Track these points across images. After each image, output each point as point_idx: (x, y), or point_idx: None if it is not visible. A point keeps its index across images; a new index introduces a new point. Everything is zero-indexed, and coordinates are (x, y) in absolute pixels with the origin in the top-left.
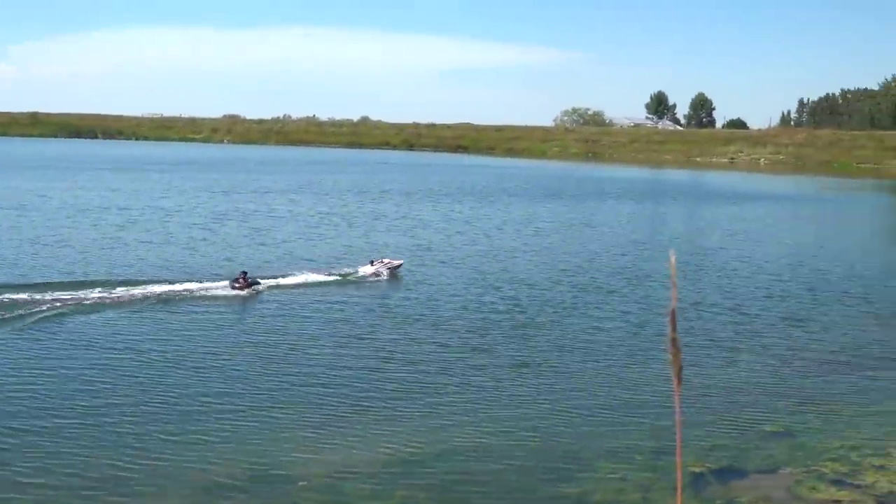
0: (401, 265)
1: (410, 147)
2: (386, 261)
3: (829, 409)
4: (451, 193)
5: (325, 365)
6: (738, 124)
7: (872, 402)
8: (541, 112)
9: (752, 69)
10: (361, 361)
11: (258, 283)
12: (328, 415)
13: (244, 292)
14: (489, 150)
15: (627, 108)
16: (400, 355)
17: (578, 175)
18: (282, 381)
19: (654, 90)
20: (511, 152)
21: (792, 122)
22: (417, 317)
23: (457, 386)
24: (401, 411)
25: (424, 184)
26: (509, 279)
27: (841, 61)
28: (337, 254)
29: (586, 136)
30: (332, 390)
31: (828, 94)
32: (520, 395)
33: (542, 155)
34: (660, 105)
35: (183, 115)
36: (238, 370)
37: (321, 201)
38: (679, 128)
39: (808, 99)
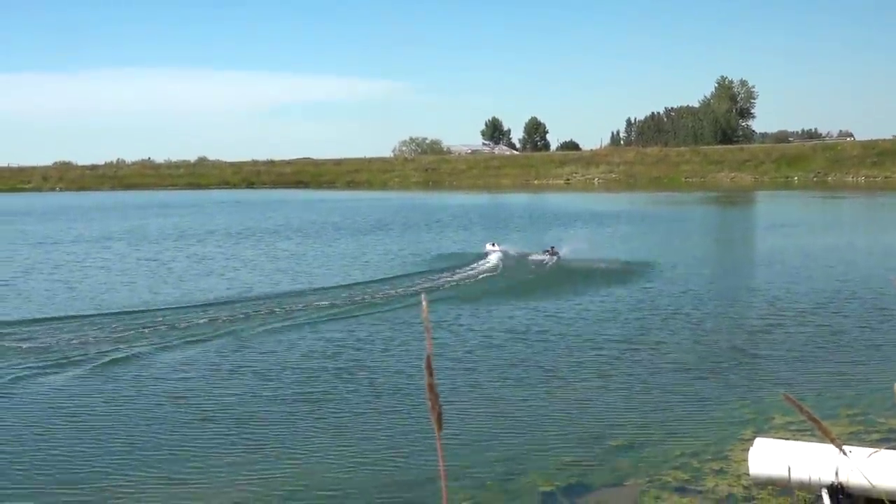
0: None
1: (251, 185)
2: None
3: (669, 420)
4: (278, 231)
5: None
6: (571, 146)
7: (707, 410)
8: (379, 144)
9: (581, 91)
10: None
11: None
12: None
13: None
14: (330, 185)
15: (464, 136)
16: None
17: (416, 203)
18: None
19: (488, 117)
20: (352, 185)
21: (622, 142)
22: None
23: None
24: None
25: (255, 222)
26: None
27: (663, 81)
28: (136, 300)
29: (425, 165)
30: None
31: (653, 113)
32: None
33: (384, 186)
34: (495, 131)
35: (11, 165)
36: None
37: (139, 246)
38: (515, 152)
39: (636, 118)
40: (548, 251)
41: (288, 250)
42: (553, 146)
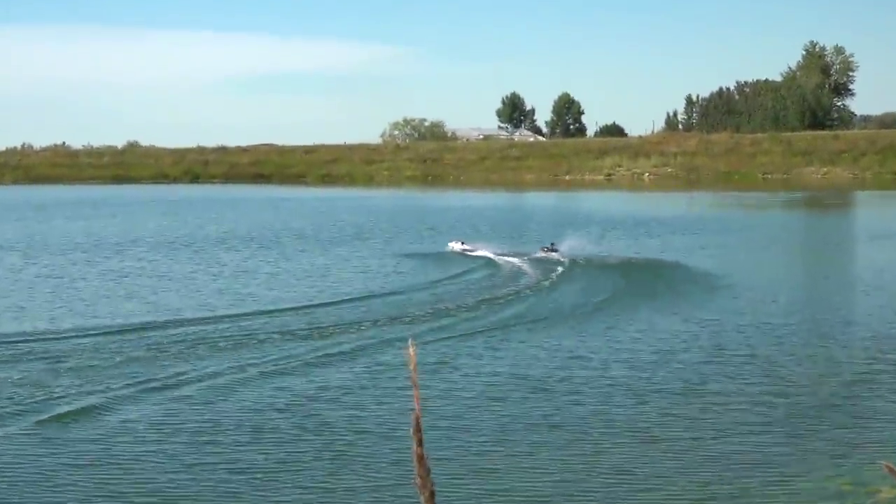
0: None
1: (195, 179)
2: None
3: (738, 496)
4: (224, 239)
5: None
6: (614, 131)
7: (789, 481)
8: (364, 126)
9: (628, 60)
10: None
11: None
12: None
13: None
14: (299, 179)
15: (474, 117)
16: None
17: (408, 204)
18: None
19: (505, 92)
20: (328, 179)
21: (680, 126)
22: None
23: None
24: None
25: (195, 227)
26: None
27: (735, 47)
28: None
29: (423, 154)
30: None
31: (721, 89)
32: None
33: (369, 181)
34: (514, 111)
35: None
36: None
37: (36, 259)
38: (541, 138)
39: (698, 96)
40: (546, 248)
41: (233, 265)
42: (590, 131)
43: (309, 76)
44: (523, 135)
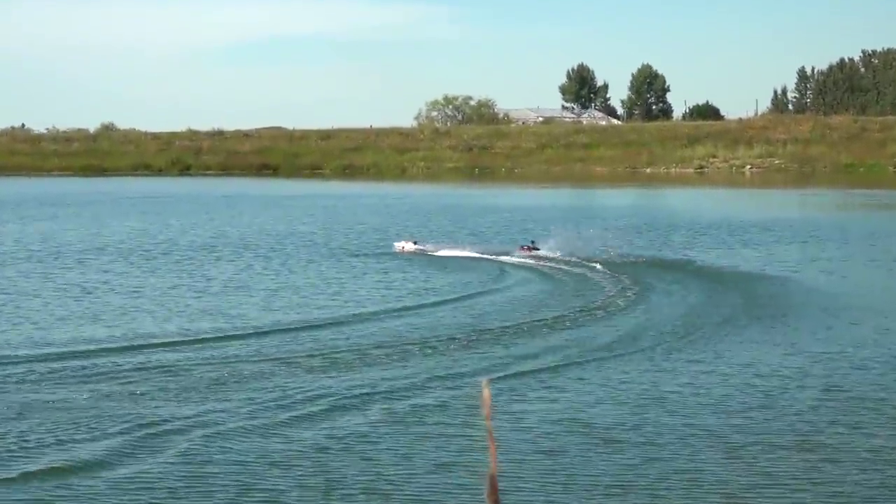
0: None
1: (185, 170)
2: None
3: None
4: (210, 246)
5: None
6: (707, 112)
7: None
8: (395, 106)
9: (725, 27)
10: None
11: None
12: None
13: None
14: (314, 171)
15: (532, 94)
16: None
17: (448, 203)
18: None
19: (571, 64)
20: (349, 172)
21: (790, 106)
22: None
23: None
24: None
25: (178, 231)
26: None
27: (860, 9)
28: None
29: (468, 141)
30: None
31: (843, 61)
32: None
33: (401, 174)
34: (583, 87)
35: None
36: None
37: None
38: (615, 121)
39: (814, 69)
40: (526, 247)
41: (222, 279)
42: (677, 113)
43: (325, 43)
44: (593, 117)
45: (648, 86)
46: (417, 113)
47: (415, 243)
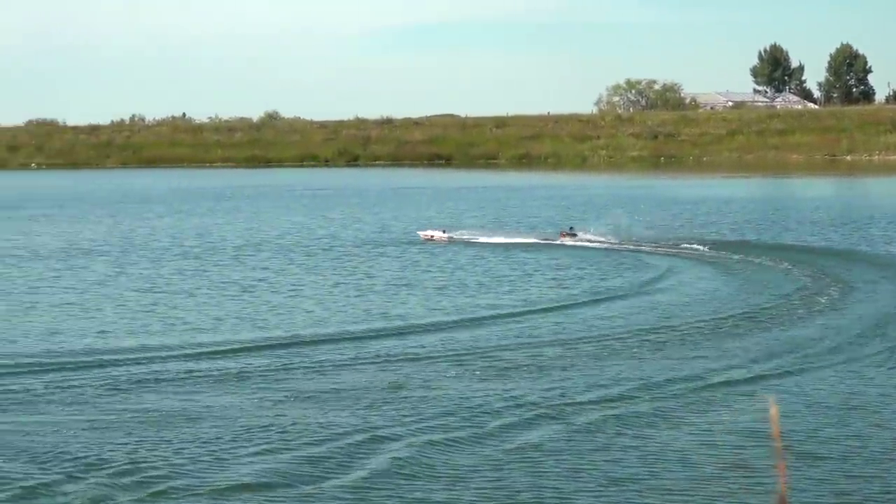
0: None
1: (353, 160)
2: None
3: None
4: (380, 242)
5: None
6: None
7: None
8: (573, 92)
9: None
10: None
11: None
12: None
13: None
14: (488, 161)
15: (721, 77)
16: None
17: (628, 193)
18: None
19: (764, 44)
20: (525, 162)
21: None
22: None
23: None
24: None
25: (339, 227)
26: None
27: None
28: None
29: (653, 128)
30: None
31: None
32: None
33: (581, 163)
34: (776, 68)
35: None
36: None
37: (123, 266)
38: (812, 105)
39: None
40: (565, 232)
41: (383, 276)
42: (880, 96)
43: (500, 26)
44: (788, 101)
45: (848, 67)
46: (598, 98)
47: (443, 231)
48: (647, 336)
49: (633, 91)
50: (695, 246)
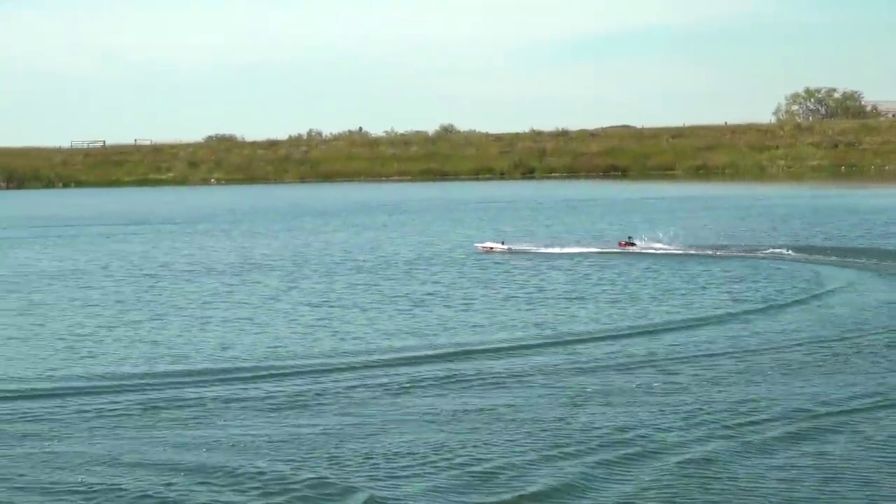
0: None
1: (529, 172)
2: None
3: None
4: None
5: None
6: None
7: None
8: (750, 102)
9: None
10: None
11: None
12: None
13: None
14: (665, 172)
15: None
16: None
17: (810, 205)
18: None
19: None
20: (703, 173)
21: None
22: None
23: None
24: None
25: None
26: None
27: None
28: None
29: (833, 137)
30: None
31: None
32: None
33: (760, 174)
34: None
35: (143, 142)
36: None
37: (294, 284)
38: None
39: None
40: (625, 243)
41: (555, 288)
42: None
43: (675, 35)
44: None
45: None
46: (776, 108)
47: (502, 243)
48: (823, 347)
49: (813, 100)
50: (862, 260)
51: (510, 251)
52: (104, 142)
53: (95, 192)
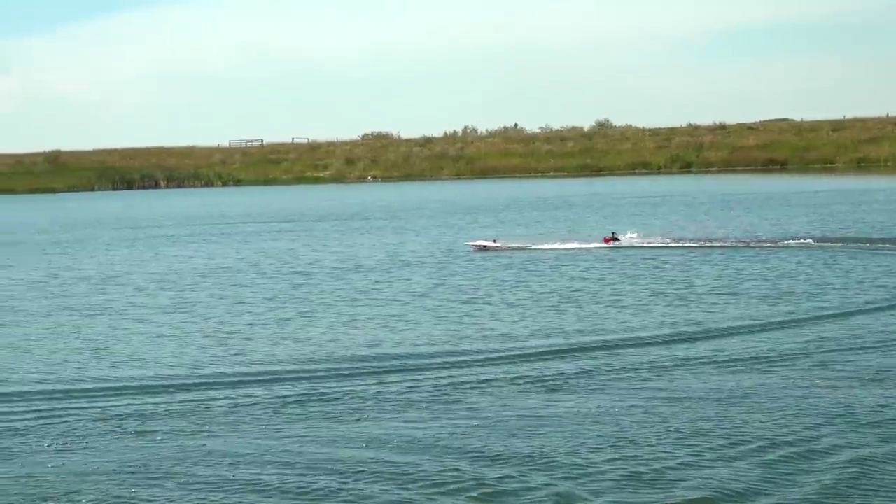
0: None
1: (686, 167)
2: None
3: None
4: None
5: None
6: None
7: None
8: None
9: None
10: None
11: None
12: None
13: None
14: (825, 165)
15: None
16: None
17: None
18: None
19: None
20: (864, 166)
21: None
22: None
23: None
24: None
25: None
26: None
27: None
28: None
29: None
30: None
31: None
32: None
33: None
34: None
35: (297, 140)
36: None
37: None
38: None
39: None
40: (610, 238)
41: (706, 284)
42: None
43: (835, 25)
44: None
45: None
46: None
47: (494, 241)
48: None
49: None
50: None
51: (502, 248)
52: (262, 140)
53: (252, 191)
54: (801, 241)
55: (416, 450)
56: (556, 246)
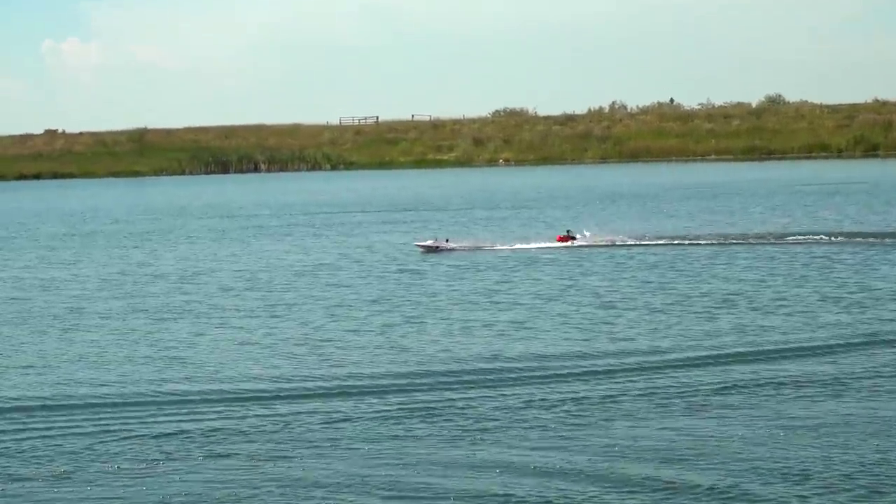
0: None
1: (872, 150)
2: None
3: None
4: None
5: None
6: None
7: None
8: None
9: None
10: None
11: None
12: None
13: None
14: None
15: None
16: None
17: None
18: None
19: None
20: None
21: None
22: None
23: None
24: None
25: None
26: None
27: None
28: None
29: None
30: None
31: None
32: None
33: None
34: None
35: (418, 117)
36: None
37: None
38: None
39: None
40: (564, 237)
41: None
42: None
43: None
44: None
45: None
46: None
47: (446, 241)
48: None
49: None
50: None
51: (449, 249)
52: (377, 118)
53: (365, 175)
54: None
55: (557, 476)
56: (506, 246)
